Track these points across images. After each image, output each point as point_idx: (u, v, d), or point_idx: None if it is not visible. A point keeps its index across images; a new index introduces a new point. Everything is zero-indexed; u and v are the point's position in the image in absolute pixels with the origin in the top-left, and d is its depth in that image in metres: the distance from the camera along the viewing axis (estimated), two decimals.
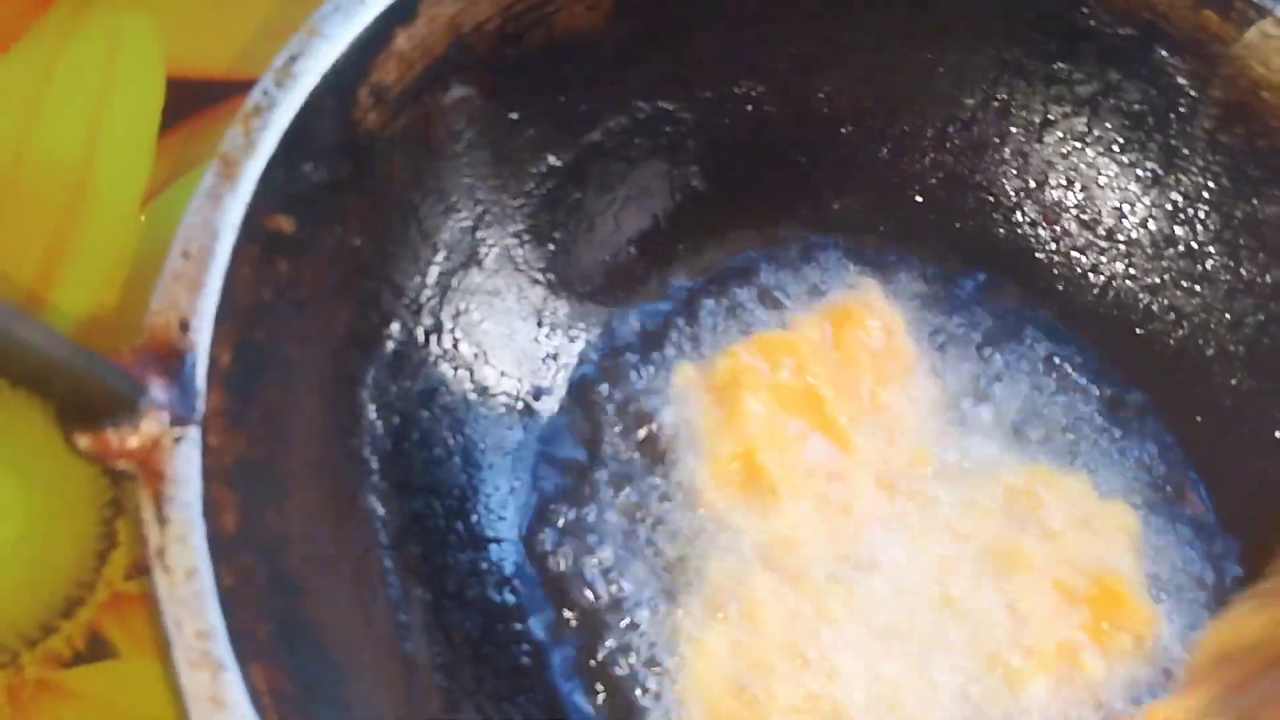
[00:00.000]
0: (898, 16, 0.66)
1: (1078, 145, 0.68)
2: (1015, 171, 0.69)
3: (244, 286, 0.46)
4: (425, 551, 0.54)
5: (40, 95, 0.70)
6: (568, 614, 0.57)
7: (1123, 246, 0.68)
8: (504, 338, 0.62)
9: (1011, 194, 0.70)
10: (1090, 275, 0.69)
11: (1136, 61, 0.64)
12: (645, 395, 0.64)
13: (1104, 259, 0.68)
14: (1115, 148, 0.67)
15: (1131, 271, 0.68)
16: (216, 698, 0.39)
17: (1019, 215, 0.70)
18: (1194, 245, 0.66)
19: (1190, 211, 0.66)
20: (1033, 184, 0.69)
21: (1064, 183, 0.69)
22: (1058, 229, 0.69)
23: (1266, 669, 0.55)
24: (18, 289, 0.65)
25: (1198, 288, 0.66)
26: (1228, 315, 0.65)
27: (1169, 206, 0.66)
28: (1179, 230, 0.67)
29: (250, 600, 0.42)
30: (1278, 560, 0.60)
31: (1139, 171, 0.67)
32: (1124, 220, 0.68)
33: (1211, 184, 0.65)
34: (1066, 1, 0.64)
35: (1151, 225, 0.67)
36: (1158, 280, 0.67)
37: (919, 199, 0.70)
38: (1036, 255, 0.69)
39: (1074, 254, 0.69)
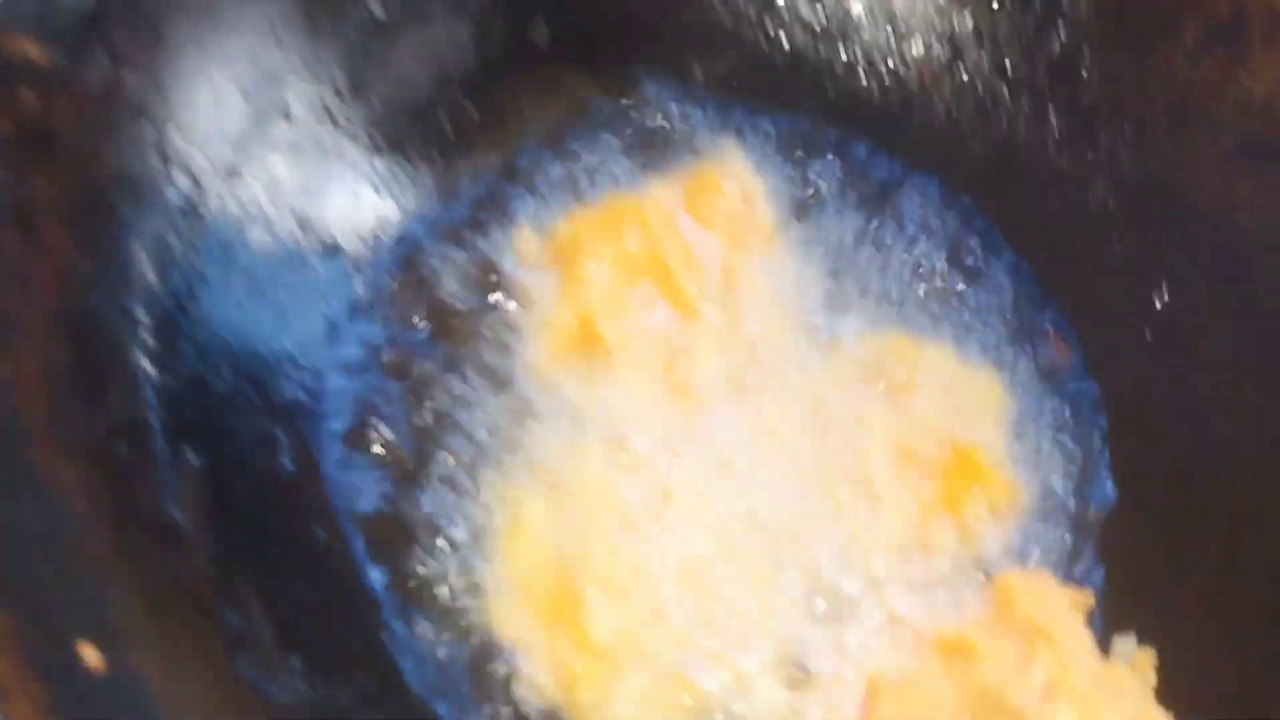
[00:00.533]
0: None
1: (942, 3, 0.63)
2: (889, 33, 0.65)
3: None
4: (205, 416, 0.50)
5: None
6: (376, 486, 0.53)
7: (996, 108, 0.63)
8: (317, 198, 0.57)
9: (882, 57, 0.65)
10: (967, 141, 0.64)
11: None
12: (479, 262, 0.60)
13: (979, 123, 0.63)
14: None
15: (1010, 133, 0.63)
16: None
17: (890, 79, 0.65)
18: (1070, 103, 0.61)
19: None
20: (901, 44, 0.64)
21: (932, 41, 0.64)
22: (929, 87, 0.64)
23: None
24: None
25: (1081, 149, 0.61)
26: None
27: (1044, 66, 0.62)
28: (1063, 91, 0.62)
29: None
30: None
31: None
32: (999, 79, 0.63)
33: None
34: None
35: (1035, 84, 0.62)
36: (1039, 140, 0.62)
37: (785, 61, 0.65)
38: (908, 119, 0.64)
39: (945, 114, 0.64)
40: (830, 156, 0.64)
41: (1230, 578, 0.53)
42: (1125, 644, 0.52)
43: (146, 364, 0.48)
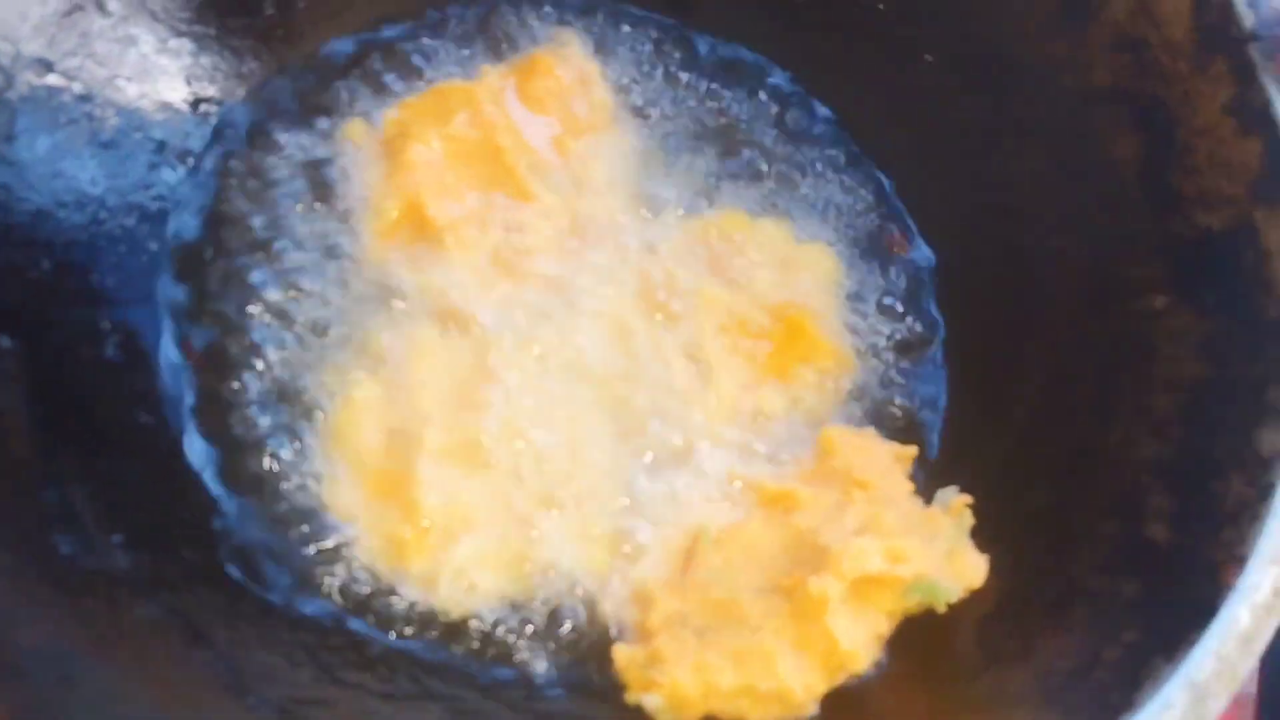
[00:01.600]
0: None
1: None
2: None
3: None
4: (23, 302, 0.50)
5: None
6: (203, 373, 0.54)
7: None
8: (134, 90, 0.57)
9: None
10: (799, 16, 0.64)
11: None
12: (308, 152, 0.59)
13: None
14: None
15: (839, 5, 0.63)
16: None
17: None
18: None
19: None
20: None
21: None
22: None
23: None
24: None
25: (910, 17, 0.62)
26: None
27: None
28: None
29: None
30: None
31: None
32: None
33: None
34: None
35: None
36: (867, 9, 0.63)
37: None
38: (749, 3, 0.65)
39: None
40: (665, 40, 0.64)
41: (1041, 428, 0.55)
42: (946, 493, 0.53)
43: None
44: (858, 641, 0.47)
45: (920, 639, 0.49)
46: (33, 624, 0.41)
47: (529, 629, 0.51)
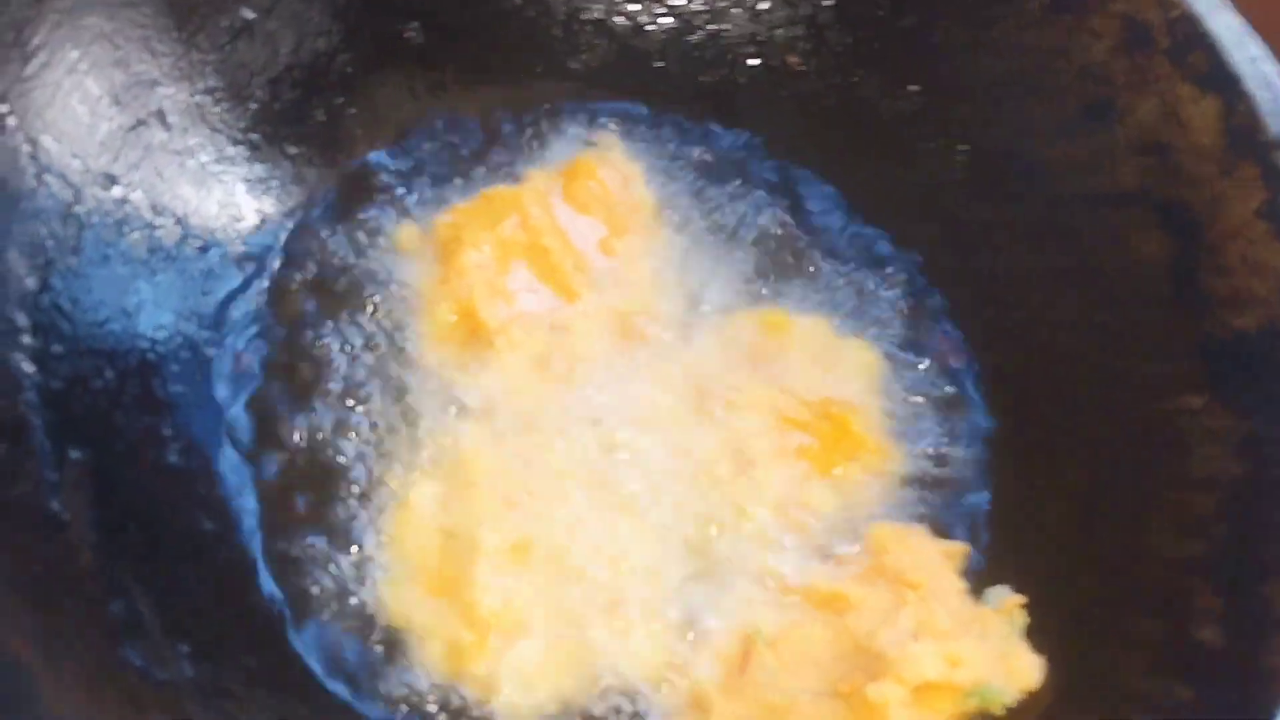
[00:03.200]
0: None
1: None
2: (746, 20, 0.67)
3: None
4: (89, 413, 0.51)
5: None
6: (266, 478, 0.55)
7: (853, 85, 0.65)
8: (196, 199, 0.58)
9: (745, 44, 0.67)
10: (831, 119, 0.66)
11: None
12: (364, 257, 0.61)
13: (838, 100, 0.66)
14: None
15: (867, 110, 0.65)
16: None
17: (759, 65, 0.67)
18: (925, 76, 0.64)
19: None
20: (765, 35, 0.67)
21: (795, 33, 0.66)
22: (791, 68, 0.66)
23: None
24: None
25: (938, 121, 0.64)
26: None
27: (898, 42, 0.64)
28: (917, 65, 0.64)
29: None
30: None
31: None
32: (855, 57, 0.65)
33: None
34: None
35: (890, 60, 0.65)
36: (896, 115, 0.65)
37: (658, 63, 0.67)
38: (775, 101, 0.67)
39: (810, 94, 0.66)
40: (702, 140, 0.66)
41: (1084, 525, 0.56)
42: (997, 592, 0.54)
43: (26, 365, 0.49)
44: None
45: None
46: None
47: None
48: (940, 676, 0.48)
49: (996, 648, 0.51)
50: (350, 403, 0.57)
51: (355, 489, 0.55)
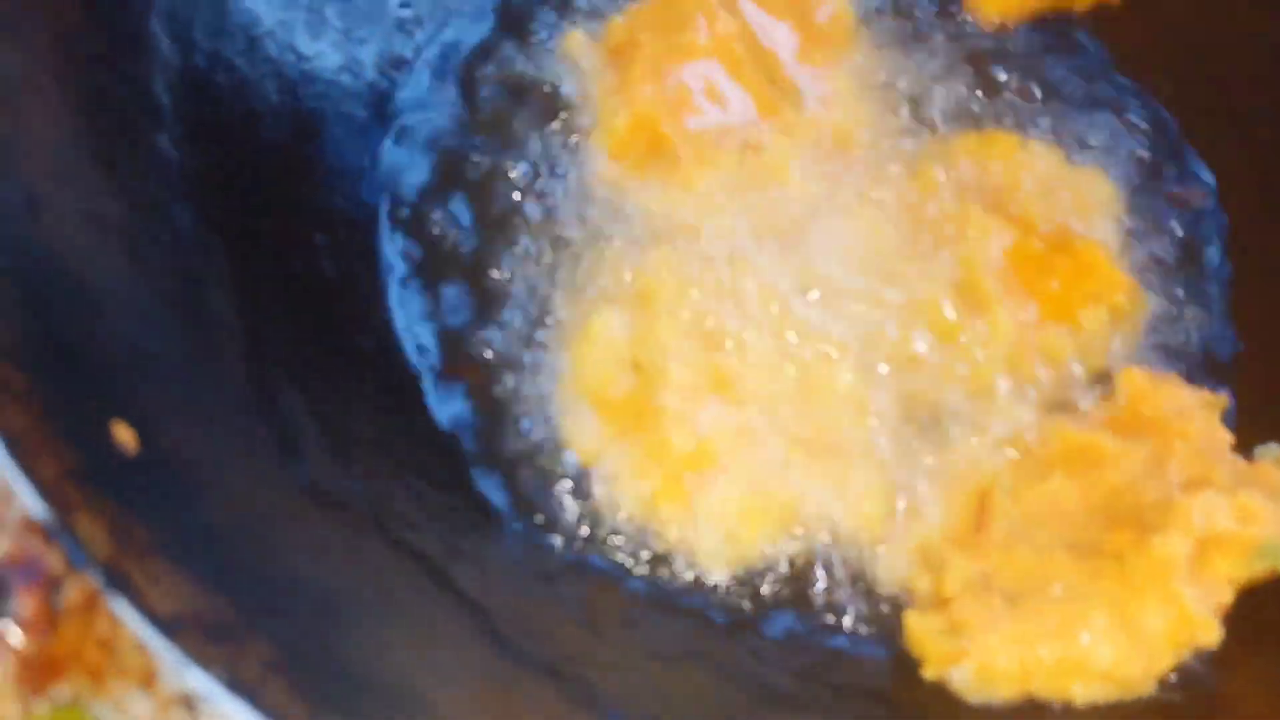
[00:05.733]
0: None
1: None
2: None
3: None
4: (234, 209, 0.44)
5: None
6: (434, 299, 0.48)
7: None
8: None
9: None
10: None
11: None
12: (528, 64, 0.54)
13: None
14: None
15: None
16: None
17: None
18: None
19: None
20: None
21: None
22: None
23: None
24: None
25: None
26: None
27: None
28: None
29: None
30: None
31: None
32: None
33: None
34: None
35: None
36: None
37: None
38: None
39: None
40: None
41: None
42: (1269, 449, 0.46)
43: (168, 146, 0.43)
44: (1206, 610, 0.40)
45: (1264, 612, 0.42)
46: (281, 556, 0.35)
47: (796, 589, 0.45)
48: (1232, 529, 0.40)
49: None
50: (526, 221, 0.50)
51: (530, 311, 0.48)
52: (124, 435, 0.34)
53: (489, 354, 0.48)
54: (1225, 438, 0.46)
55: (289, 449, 0.40)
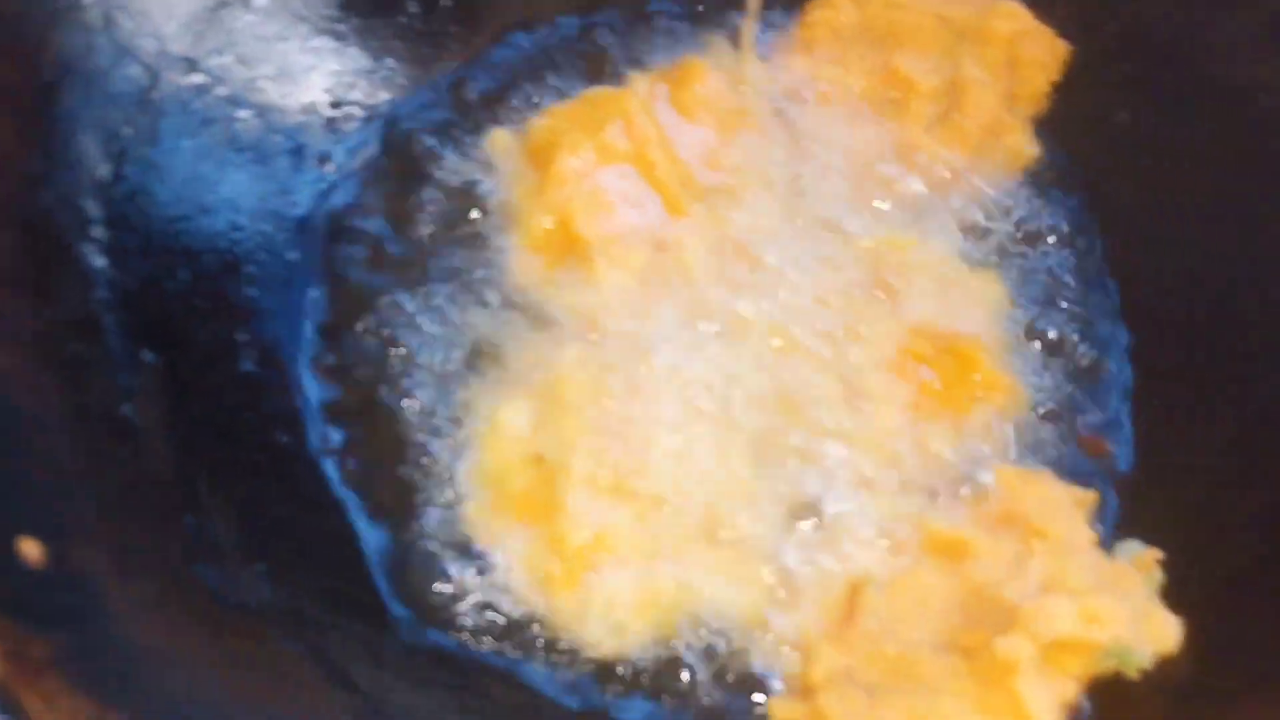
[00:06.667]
0: None
1: None
2: None
3: None
4: (162, 315, 0.47)
5: None
6: (344, 392, 0.51)
7: None
8: (279, 90, 0.54)
9: None
10: None
11: None
12: (451, 163, 0.57)
13: None
14: None
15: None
16: None
17: None
18: None
19: None
20: None
21: None
22: None
23: None
24: None
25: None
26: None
27: None
28: None
29: None
30: None
31: None
32: None
33: None
34: None
35: None
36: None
37: None
38: None
39: None
40: None
41: (1233, 482, 0.51)
42: (1129, 546, 0.49)
43: (99, 260, 0.46)
44: (1047, 708, 0.43)
45: (1108, 708, 0.45)
46: (182, 665, 0.38)
47: (678, 673, 0.48)
48: (1075, 633, 0.43)
49: (1132, 606, 0.46)
50: (438, 315, 0.53)
51: (440, 405, 0.51)
52: (31, 551, 0.37)
53: (396, 442, 0.50)
54: (1089, 536, 0.49)
55: (206, 549, 0.43)
